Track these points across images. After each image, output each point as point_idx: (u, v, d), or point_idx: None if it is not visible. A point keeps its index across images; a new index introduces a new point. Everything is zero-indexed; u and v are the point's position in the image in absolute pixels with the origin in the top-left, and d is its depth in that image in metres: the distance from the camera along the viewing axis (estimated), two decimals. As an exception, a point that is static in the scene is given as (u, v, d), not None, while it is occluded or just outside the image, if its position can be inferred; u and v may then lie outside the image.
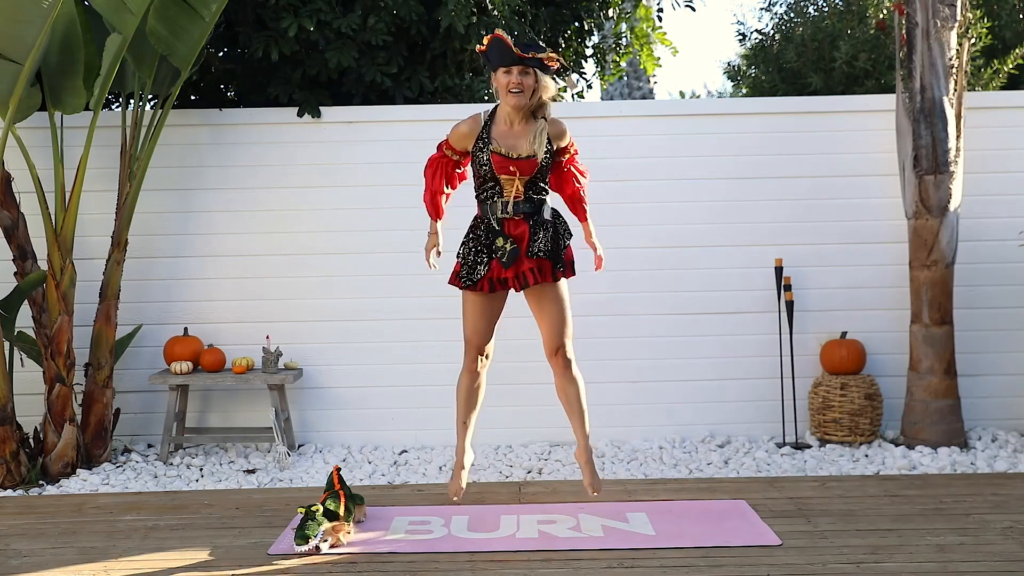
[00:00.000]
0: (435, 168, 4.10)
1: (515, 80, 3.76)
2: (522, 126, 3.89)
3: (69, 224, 5.08)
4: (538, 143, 3.87)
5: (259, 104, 5.98)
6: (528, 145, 3.85)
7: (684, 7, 7.76)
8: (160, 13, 4.95)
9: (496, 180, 3.90)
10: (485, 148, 3.88)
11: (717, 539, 3.78)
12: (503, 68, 3.78)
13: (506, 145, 3.86)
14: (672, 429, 5.68)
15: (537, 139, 3.87)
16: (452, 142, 4.00)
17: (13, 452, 4.90)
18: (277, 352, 5.42)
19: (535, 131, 3.88)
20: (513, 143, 3.87)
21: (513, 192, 3.87)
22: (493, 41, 3.77)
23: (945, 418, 5.29)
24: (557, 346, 4.00)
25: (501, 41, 3.74)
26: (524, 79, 3.77)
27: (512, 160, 3.86)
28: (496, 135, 3.89)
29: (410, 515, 4.18)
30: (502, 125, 3.90)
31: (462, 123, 3.97)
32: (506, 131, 3.89)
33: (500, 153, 3.85)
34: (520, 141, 3.87)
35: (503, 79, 3.79)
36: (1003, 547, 3.65)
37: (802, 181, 5.71)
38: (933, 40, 5.31)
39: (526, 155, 3.85)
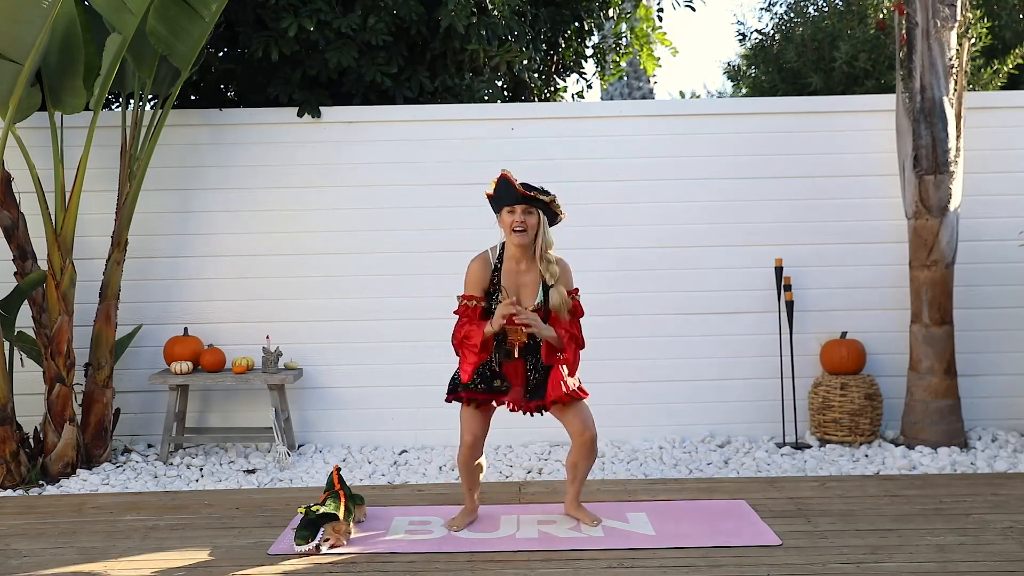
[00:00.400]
0: (466, 330, 3.91)
1: (518, 219, 3.79)
2: (528, 266, 3.89)
3: (69, 224, 5.08)
4: (557, 296, 3.86)
5: (259, 104, 5.98)
6: (532, 296, 3.87)
7: (684, 7, 7.77)
8: (160, 13, 4.95)
9: (503, 329, 3.90)
10: (495, 295, 3.90)
11: (717, 539, 3.78)
12: (507, 208, 3.80)
13: (514, 295, 3.86)
14: (672, 429, 5.68)
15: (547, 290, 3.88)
16: (468, 290, 3.93)
17: (13, 452, 4.90)
18: (277, 352, 5.42)
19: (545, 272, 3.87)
20: (520, 292, 3.88)
21: (517, 339, 3.90)
22: (500, 180, 3.80)
23: (945, 418, 5.29)
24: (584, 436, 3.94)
25: (506, 180, 3.77)
26: (527, 218, 3.80)
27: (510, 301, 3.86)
28: (505, 283, 3.89)
29: (410, 515, 4.18)
30: (510, 266, 3.90)
31: (473, 267, 3.92)
32: (513, 271, 3.90)
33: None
34: (525, 291, 3.89)
35: (507, 219, 3.82)
36: (1003, 547, 3.65)
37: (802, 181, 5.71)
38: (933, 40, 5.31)
39: (533, 308, 3.86)
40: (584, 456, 3.96)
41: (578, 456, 3.97)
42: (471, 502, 4.12)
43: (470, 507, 4.12)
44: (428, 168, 5.72)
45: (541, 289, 3.89)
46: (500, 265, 3.91)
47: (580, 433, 3.90)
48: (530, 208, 3.80)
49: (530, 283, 3.89)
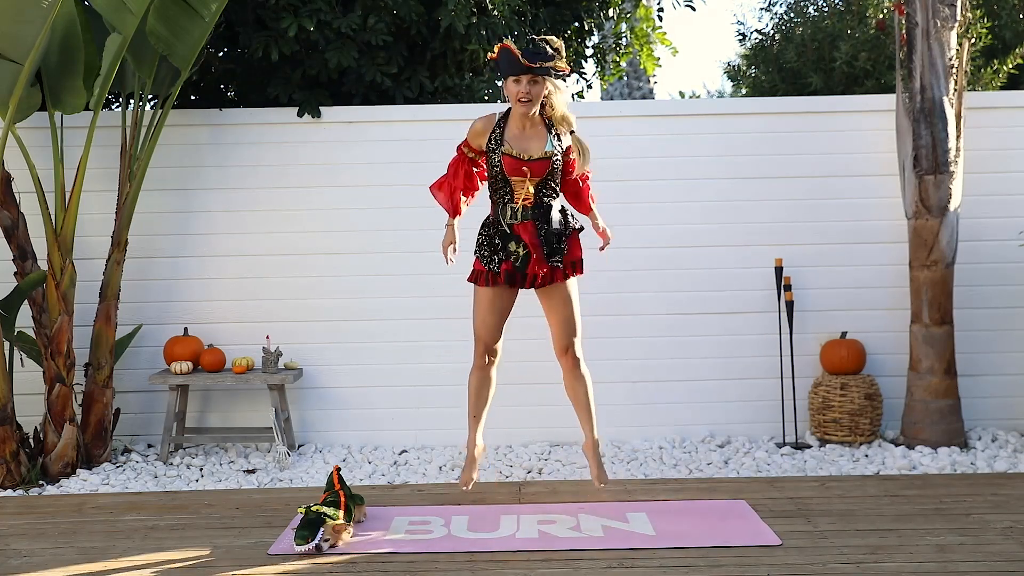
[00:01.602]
0: (456, 166, 4.13)
1: (524, 89, 3.80)
2: (534, 128, 3.91)
3: (69, 224, 5.08)
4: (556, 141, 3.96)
5: (259, 104, 5.98)
6: (539, 147, 3.88)
7: (684, 7, 7.76)
8: (160, 13, 4.95)
9: (507, 182, 3.93)
10: (497, 149, 3.92)
11: (717, 539, 3.78)
12: (512, 77, 3.80)
13: (518, 147, 3.89)
14: (672, 429, 5.68)
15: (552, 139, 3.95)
16: (469, 140, 4.05)
17: (13, 452, 4.90)
18: (277, 352, 5.42)
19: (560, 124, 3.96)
20: (525, 145, 3.90)
21: (523, 195, 3.90)
22: (502, 51, 3.81)
23: (945, 418, 5.29)
24: (566, 345, 4.08)
25: (509, 51, 3.78)
26: (532, 88, 3.81)
27: (523, 162, 3.88)
28: (509, 137, 3.92)
29: (410, 515, 4.18)
30: (514, 127, 3.93)
31: (477, 121, 4.02)
32: (518, 133, 3.92)
33: (511, 155, 3.88)
34: (532, 143, 3.90)
35: (513, 88, 3.84)
36: (1003, 547, 3.65)
37: (802, 181, 5.71)
38: (933, 40, 5.31)
39: (537, 156, 3.88)
40: (574, 378, 4.05)
41: (568, 380, 4.07)
42: (473, 435, 4.14)
43: (473, 448, 4.14)
44: (428, 168, 5.66)
45: (549, 140, 3.89)
46: (504, 123, 3.93)
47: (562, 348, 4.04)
48: (535, 77, 3.80)
49: (536, 136, 3.91)
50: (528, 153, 3.88)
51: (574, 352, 4.08)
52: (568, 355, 4.07)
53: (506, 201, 3.94)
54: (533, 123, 3.92)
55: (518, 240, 3.93)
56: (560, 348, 4.09)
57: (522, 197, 3.91)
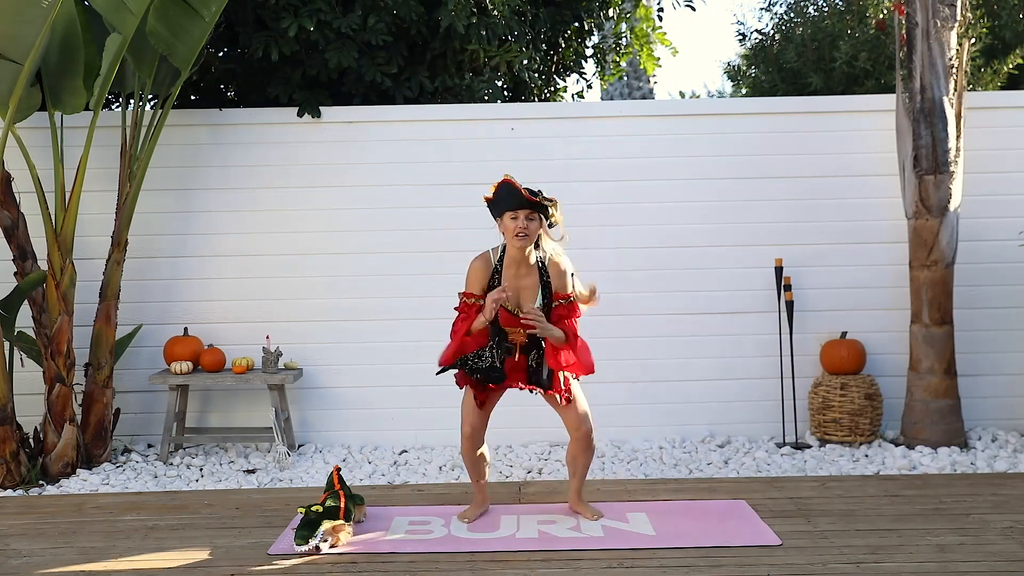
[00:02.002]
0: (462, 326, 4.00)
1: (521, 225, 3.81)
2: (528, 274, 3.93)
3: (69, 224, 5.08)
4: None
5: (259, 104, 5.98)
6: (531, 299, 3.92)
7: (684, 7, 7.77)
8: (160, 13, 4.95)
9: (501, 329, 3.97)
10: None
11: (717, 539, 3.78)
12: (510, 212, 3.81)
13: (513, 301, 3.91)
14: (672, 429, 5.68)
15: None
16: (470, 288, 3.98)
17: (13, 452, 4.90)
18: (277, 352, 5.42)
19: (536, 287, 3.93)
20: (519, 297, 3.92)
21: (517, 339, 3.95)
22: (502, 185, 3.83)
23: (945, 418, 5.29)
24: (581, 430, 4.01)
25: (510, 184, 3.81)
26: (530, 224, 3.82)
27: (518, 317, 3.90)
28: (505, 283, 3.92)
29: (410, 515, 4.18)
30: (510, 270, 3.93)
31: (474, 266, 3.97)
32: (514, 275, 3.93)
33: (507, 309, 3.91)
34: (525, 293, 3.92)
35: (510, 224, 3.84)
36: (1003, 547, 3.65)
37: (802, 181, 5.71)
38: (933, 40, 5.31)
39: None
40: (582, 450, 4.02)
41: (576, 450, 4.05)
42: (480, 493, 4.19)
43: (480, 499, 4.20)
44: (428, 168, 5.72)
45: (540, 292, 3.92)
46: (500, 267, 3.94)
47: (576, 428, 3.99)
48: (532, 214, 3.83)
49: (530, 286, 3.94)
50: (522, 309, 3.90)
51: (588, 432, 4.01)
52: (581, 432, 4.00)
53: (500, 340, 3.97)
54: (527, 265, 3.92)
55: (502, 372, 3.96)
56: (574, 431, 4.04)
57: (517, 340, 3.96)
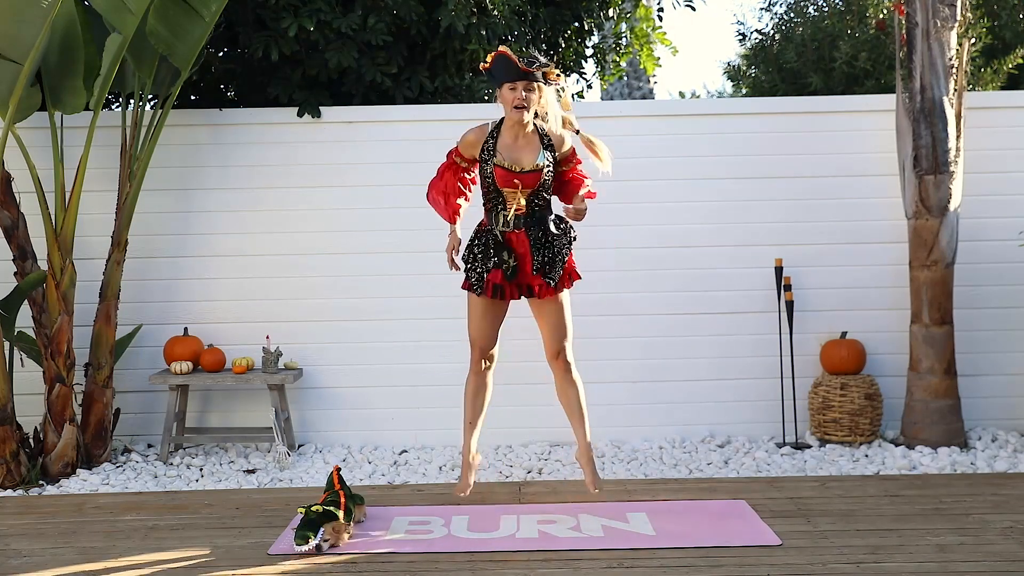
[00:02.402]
0: (444, 171, 4.15)
1: (519, 95, 3.81)
2: (526, 139, 3.93)
3: (69, 224, 5.08)
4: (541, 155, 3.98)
5: (259, 104, 5.98)
6: (531, 159, 3.89)
7: (684, 7, 7.76)
8: (160, 13, 4.95)
9: (499, 192, 3.95)
10: (489, 160, 3.95)
11: (717, 539, 3.78)
12: (508, 84, 3.81)
13: (510, 158, 3.91)
14: (672, 429, 5.68)
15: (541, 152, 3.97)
16: (461, 150, 4.06)
17: (13, 452, 4.90)
18: (277, 352, 5.42)
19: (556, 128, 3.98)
20: (517, 156, 3.93)
21: (515, 205, 3.94)
22: (497, 57, 3.83)
23: (945, 418, 5.29)
24: (557, 350, 4.09)
25: (505, 57, 3.80)
26: (529, 94, 3.82)
27: (515, 173, 3.91)
28: (501, 147, 3.94)
29: (410, 515, 4.18)
30: (507, 138, 3.95)
31: (470, 132, 4.03)
32: (511, 144, 3.94)
33: (503, 166, 3.91)
34: (523, 154, 3.92)
35: (508, 95, 3.85)
36: (1003, 547, 3.65)
37: (802, 181, 5.71)
38: (933, 40, 5.31)
39: (529, 168, 3.90)
40: (566, 383, 4.07)
41: (561, 384, 4.08)
42: (468, 441, 4.16)
43: (467, 455, 4.17)
44: (428, 168, 5.64)
45: (541, 152, 3.90)
46: (497, 133, 3.95)
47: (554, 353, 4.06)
48: (531, 84, 3.81)
49: (528, 147, 3.92)
50: (519, 165, 3.91)
51: (565, 357, 4.11)
52: (559, 360, 4.10)
53: (499, 210, 3.96)
54: (526, 133, 3.93)
55: (510, 251, 3.97)
56: (551, 353, 4.12)
57: (514, 207, 3.94)
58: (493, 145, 3.94)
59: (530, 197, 3.97)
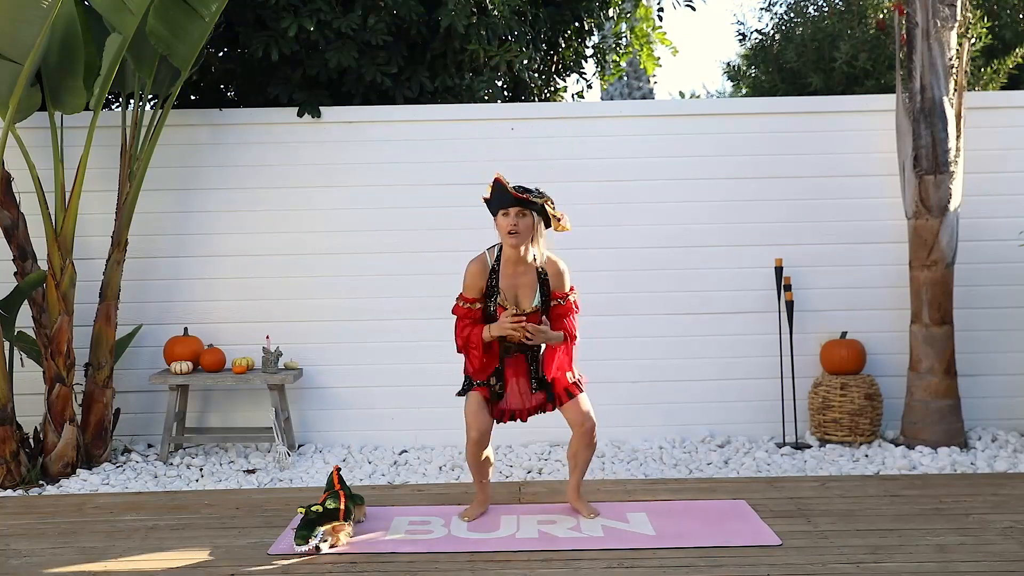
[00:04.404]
0: (461, 325, 4.00)
1: (512, 222, 3.81)
2: (525, 273, 3.92)
3: (69, 224, 5.08)
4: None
5: (259, 104, 5.98)
6: (529, 298, 3.93)
7: (684, 7, 7.76)
8: (160, 13, 4.95)
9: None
10: (493, 298, 3.95)
11: (717, 539, 3.78)
12: (502, 211, 3.82)
13: (511, 296, 3.93)
14: (672, 429, 5.68)
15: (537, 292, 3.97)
16: (467, 293, 3.98)
17: (13, 452, 4.90)
18: (277, 352, 5.42)
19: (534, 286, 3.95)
20: (516, 294, 3.94)
21: (515, 337, 3.93)
22: (494, 184, 3.84)
23: (945, 418, 5.29)
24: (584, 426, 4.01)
25: (498, 182, 3.81)
26: (521, 221, 3.82)
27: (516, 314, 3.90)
28: (503, 285, 3.94)
29: (410, 515, 4.18)
30: (507, 269, 3.94)
31: (472, 265, 3.97)
32: (511, 276, 3.94)
33: (505, 307, 3.91)
34: (523, 292, 3.94)
35: (502, 222, 3.85)
36: (1003, 547, 3.65)
37: (802, 181, 5.71)
38: (933, 40, 5.31)
39: (529, 311, 3.91)
40: (584, 446, 4.02)
41: (578, 446, 4.05)
42: (482, 493, 4.19)
43: (482, 498, 4.20)
44: (428, 168, 5.72)
45: (538, 291, 3.92)
46: (497, 267, 3.93)
47: (580, 424, 3.99)
48: (524, 211, 3.82)
49: (527, 284, 3.93)
50: (520, 307, 3.92)
51: (591, 430, 4.02)
52: (585, 427, 4.01)
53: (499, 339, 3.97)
54: (524, 264, 3.91)
55: (499, 378, 4.01)
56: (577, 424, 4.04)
57: (513, 337, 3.93)
58: (495, 282, 3.95)
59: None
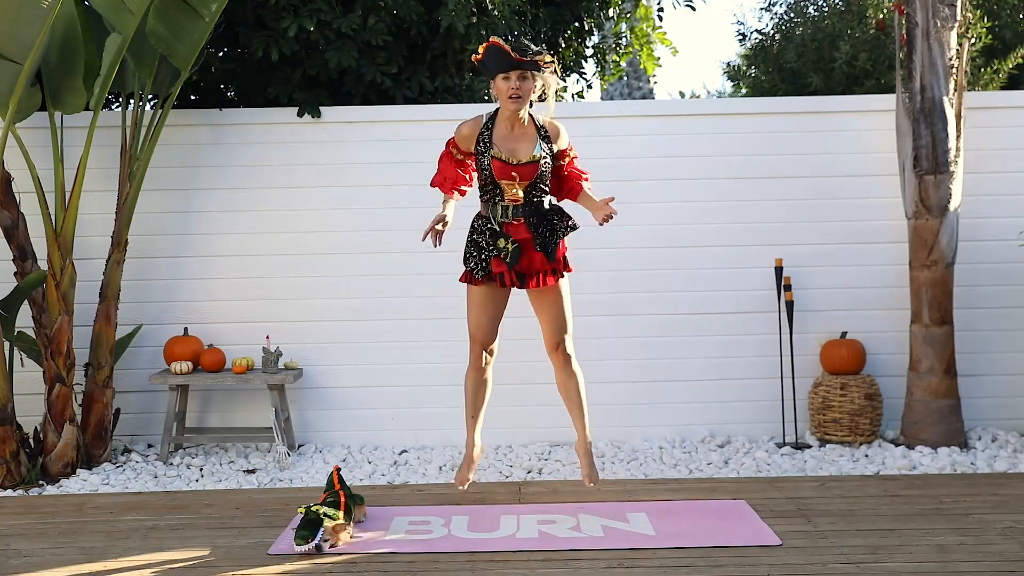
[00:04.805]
0: (442, 160, 4.14)
1: (514, 85, 3.79)
2: (522, 130, 3.92)
3: (69, 224, 5.08)
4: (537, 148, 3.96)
5: (259, 104, 5.98)
6: (528, 150, 3.89)
7: (684, 7, 7.76)
8: (160, 13, 4.95)
9: (497, 184, 3.94)
10: (486, 152, 3.93)
11: (717, 539, 3.78)
12: (502, 74, 3.80)
13: (506, 150, 3.89)
14: (672, 429, 5.68)
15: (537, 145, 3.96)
16: (457, 142, 4.05)
17: (13, 452, 4.90)
18: (277, 352, 5.42)
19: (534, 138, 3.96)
20: (513, 148, 3.91)
21: (513, 196, 3.91)
22: (489, 48, 3.81)
23: (945, 418, 5.29)
24: (557, 342, 4.09)
25: (498, 47, 3.77)
26: (523, 84, 3.81)
27: (512, 166, 3.90)
28: (497, 139, 3.93)
29: (410, 515, 4.18)
30: (503, 128, 3.93)
31: (464, 124, 4.01)
32: (507, 135, 3.93)
33: (500, 159, 3.90)
34: (520, 146, 3.91)
35: (503, 85, 3.83)
36: (1003, 547, 3.65)
37: (802, 181, 5.71)
38: (933, 40, 5.31)
39: (526, 161, 3.89)
40: (567, 376, 4.06)
41: (560, 377, 4.07)
42: (471, 436, 4.14)
43: (471, 449, 4.16)
44: (428, 168, 5.63)
45: (539, 143, 3.89)
46: (492, 125, 3.93)
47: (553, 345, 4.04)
48: (525, 73, 3.80)
49: (525, 137, 3.91)
50: (516, 157, 3.90)
51: (565, 349, 4.10)
52: (559, 351, 4.09)
53: (496, 201, 3.96)
54: (522, 123, 3.92)
55: (507, 237, 3.95)
56: (551, 345, 4.11)
57: (512, 197, 3.93)
58: (489, 137, 3.92)
59: (527, 188, 3.96)
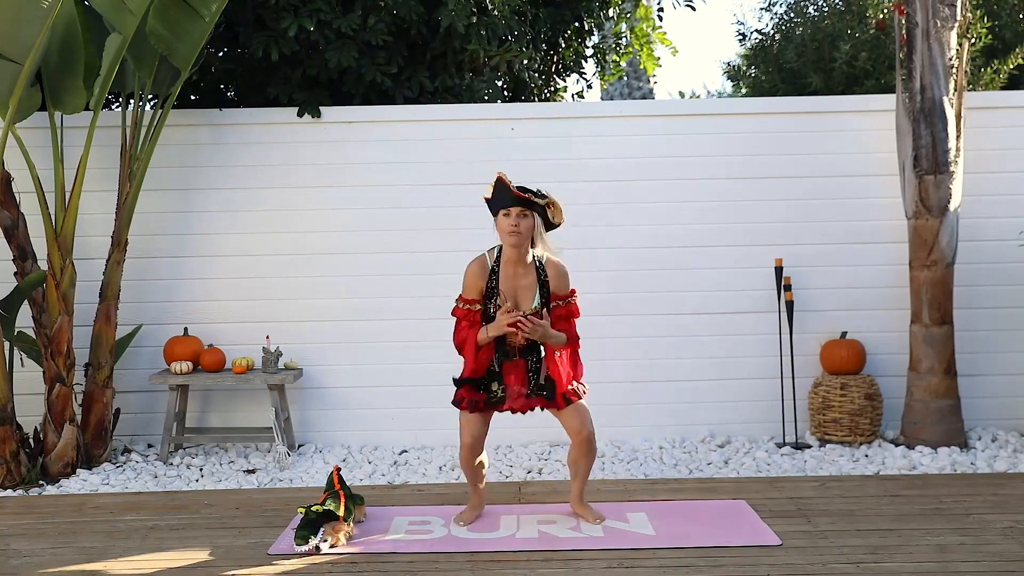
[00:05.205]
0: (460, 327, 3.99)
1: (513, 222, 3.79)
2: (525, 274, 3.90)
3: (69, 224, 5.08)
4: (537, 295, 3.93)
5: (259, 104, 5.98)
6: (528, 300, 3.90)
7: (684, 7, 7.77)
8: (160, 13, 4.95)
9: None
10: (493, 299, 3.93)
11: (717, 539, 3.78)
12: (503, 211, 3.80)
13: (511, 298, 3.88)
14: (672, 429, 5.68)
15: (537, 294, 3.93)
16: (467, 294, 3.95)
17: (13, 452, 4.90)
18: (277, 352, 5.42)
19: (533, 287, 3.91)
20: (517, 296, 3.90)
21: (516, 341, 3.92)
22: (495, 184, 3.81)
23: (945, 418, 5.29)
24: (580, 431, 3.96)
25: (501, 182, 3.79)
26: (522, 221, 3.80)
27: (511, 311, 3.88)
28: (503, 285, 3.91)
29: (410, 515, 4.18)
30: (507, 271, 3.91)
31: (471, 266, 3.94)
32: (511, 279, 3.90)
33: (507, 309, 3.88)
34: (523, 294, 3.90)
35: (503, 221, 3.83)
36: (1003, 547, 3.65)
37: (802, 181, 5.71)
38: (933, 40, 5.31)
39: (530, 311, 3.87)
40: (583, 454, 3.98)
41: (577, 454, 4.00)
42: (477, 497, 4.16)
43: (476, 502, 4.16)
44: (428, 168, 5.72)
45: (538, 292, 3.90)
46: (497, 268, 3.91)
47: (577, 432, 3.94)
48: (525, 211, 3.81)
49: (527, 286, 3.91)
50: (520, 308, 3.88)
51: (589, 436, 3.97)
52: (583, 438, 3.96)
53: (498, 343, 3.95)
54: (524, 265, 3.89)
55: (500, 381, 3.97)
56: (574, 434, 3.99)
57: (515, 342, 3.93)
58: (495, 284, 3.92)
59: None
